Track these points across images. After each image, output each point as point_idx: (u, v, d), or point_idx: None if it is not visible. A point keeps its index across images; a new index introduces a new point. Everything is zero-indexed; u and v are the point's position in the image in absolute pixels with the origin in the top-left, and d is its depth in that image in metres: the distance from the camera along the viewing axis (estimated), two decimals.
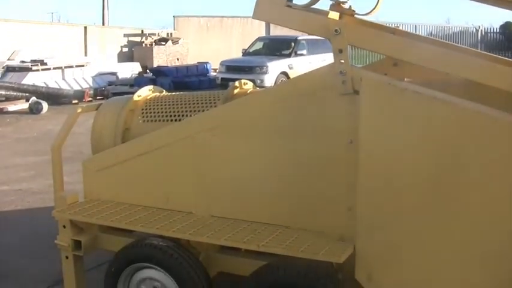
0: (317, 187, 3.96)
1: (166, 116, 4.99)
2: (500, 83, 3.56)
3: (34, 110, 17.83)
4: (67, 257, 4.75)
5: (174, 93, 5.45)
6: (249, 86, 5.08)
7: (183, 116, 4.88)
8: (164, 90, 5.66)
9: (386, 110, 3.55)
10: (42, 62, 21.59)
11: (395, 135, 3.54)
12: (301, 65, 21.74)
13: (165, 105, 5.09)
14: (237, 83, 4.97)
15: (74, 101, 18.95)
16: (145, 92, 5.39)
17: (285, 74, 22.35)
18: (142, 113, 5.13)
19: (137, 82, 21.89)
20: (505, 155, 3.22)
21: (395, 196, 3.57)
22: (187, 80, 22.50)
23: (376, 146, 3.59)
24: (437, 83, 4.31)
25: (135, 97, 5.24)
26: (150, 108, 5.13)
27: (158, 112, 5.06)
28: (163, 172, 4.50)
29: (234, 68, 22.63)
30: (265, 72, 22.02)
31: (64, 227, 4.68)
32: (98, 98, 19.22)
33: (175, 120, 4.87)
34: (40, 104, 18.00)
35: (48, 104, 18.37)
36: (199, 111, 4.81)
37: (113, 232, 4.76)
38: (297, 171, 4.02)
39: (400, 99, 3.50)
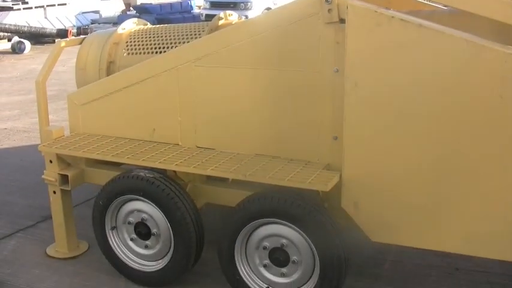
0: (303, 116, 3.95)
1: (151, 48, 4.97)
2: (491, 12, 3.55)
3: (17, 49, 17.68)
4: (54, 192, 4.76)
5: (158, 25, 5.40)
6: (234, 17, 5.04)
7: (167, 48, 4.86)
8: (148, 23, 5.60)
9: (373, 38, 3.53)
10: (23, 1, 21.26)
11: (382, 63, 3.53)
12: (287, 0, 21.46)
13: (150, 37, 5.06)
14: (221, 14, 4.93)
15: (57, 40, 18.71)
16: (130, 25, 5.36)
17: (269, 10, 22.12)
18: (127, 45, 5.10)
19: (120, 20, 21.42)
20: (488, 80, 3.27)
21: (382, 124, 3.59)
22: (171, 17, 22.14)
23: (363, 74, 3.58)
24: (423, 13, 4.32)
25: (119, 30, 5.21)
26: (134, 41, 5.10)
27: (143, 44, 5.04)
28: (149, 104, 4.47)
29: (218, 4, 22.40)
30: (250, 8, 21.83)
31: (51, 161, 4.68)
32: (81, 36, 18.97)
33: (160, 52, 4.84)
34: (23, 43, 17.84)
35: (31, 44, 18.23)
36: (184, 42, 4.77)
37: (99, 166, 4.77)
38: (283, 100, 4.00)
39: (387, 27, 3.48)
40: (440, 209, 3.58)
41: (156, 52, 4.89)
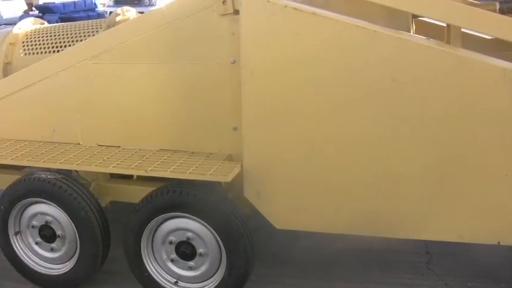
0: (203, 109, 3.96)
1: (49, 47, 4.88)
2: None
3: None
4: None
5: (55, 24, 5.30)
6: (131, 12, 4.99)
7: (65, 46, 4.78)
8: (46, 22, 5.50)
9: (268, 27, 3.58)
10: None
11: (277, 52, 3.59)
12: None
13: (47, 36, 4.97)
14: (118, 10, 4.88)
15: None
16: (26, 25, 5.24)
17: None
18: (24, 46, 4.99)
19: None
20: (381, 64, 3.36)
21: (279, 112, 3.64)
22: (75, 16, 21.72)
23: (258, 63, 3.62)
24: (319, 1, 4.39)
25: (15, 30, 5.09)
26: (31, 41, 5.00)
27: (40, 44, 4.94)
28: (48, 104, 4.38)
29: (123, 1, 22.10)
30: (154, 4, 21.64)
31: None
32: None
33: (58, 51, 4.75)
34: None
35: None
36: (81, 40, 4.70)
37: None
38: (183, 94, 4.00)
39: (281, 16, 3.54)
40: (343, 192, 3.67)
41: (54, 51, 4.80)
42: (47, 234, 4.23)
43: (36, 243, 4.30)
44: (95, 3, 24.70)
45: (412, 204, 3.60)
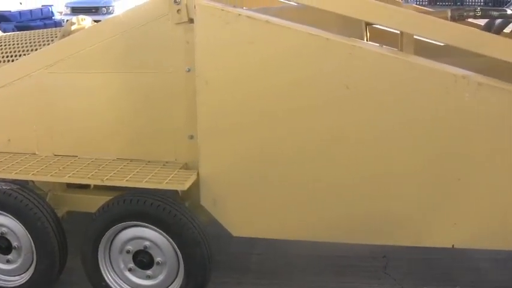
0: (159, 118, 3.98)
1: (4, 56, 4.83)
2: (335, 7, 3.67)
3: None
4: None
5: (10, 33, 5.26)
6: (87, 21, 4.96)
7: (20, 55, 4.74)
8: (1, 31, 5.45)
9: (222, 36, 3.60)
10: None
11: (232, 61, 3.62)
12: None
13: (2, 45, 4.92)
14: (74, 19, 4.84)
15: None
16: None
17: None
18: None
19: None
20: (334, 72, 3.41)
21: (234, 121, 3.67)
22: (32, 24, 21.47)
23: (213, 72, 3.64)
24: (273, 9, 4.43)
25: None
26: None
27: None
28: (3, 114, 4.35)
29: (80, 9, 21.95)
30: (112, 13, 21.51)
31: None
32: None
33: (13, 60, 4.71)
34: None
35: None
36: (37, 49, 4.68)
37: None
38: (139, 103, 4.01)
39: (235, 24, 3.56)
40: (298, 199, 3.71)
41: (9, 60, 4.76)
42: (3, 245, 4.16)
43: None
44: (52, 12, 24.41)
45: (368, 210, 3.65)
